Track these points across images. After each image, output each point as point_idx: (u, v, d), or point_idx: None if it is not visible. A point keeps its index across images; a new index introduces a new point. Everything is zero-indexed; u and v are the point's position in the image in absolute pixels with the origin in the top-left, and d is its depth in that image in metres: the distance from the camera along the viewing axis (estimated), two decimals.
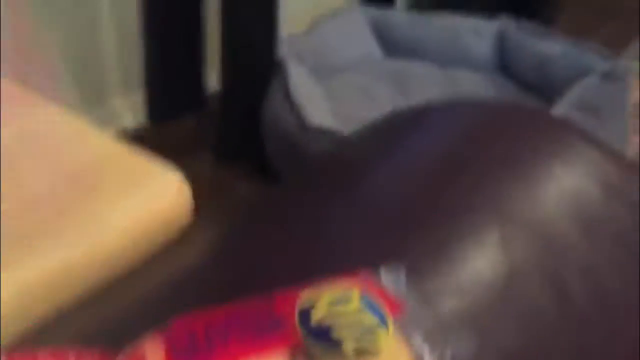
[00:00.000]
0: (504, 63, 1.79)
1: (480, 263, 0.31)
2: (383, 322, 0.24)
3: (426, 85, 1.76)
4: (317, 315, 0.24)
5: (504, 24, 1.79)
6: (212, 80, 1.88)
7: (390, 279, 0.26)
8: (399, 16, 1.89)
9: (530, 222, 0.36)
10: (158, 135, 1.82)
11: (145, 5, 1.70)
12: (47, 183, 0.36)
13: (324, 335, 0.23)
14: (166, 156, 1.74)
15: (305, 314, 0.24)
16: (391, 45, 1.87)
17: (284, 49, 1.70)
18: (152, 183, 0.36)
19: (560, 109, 1.48)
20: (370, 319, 0.24)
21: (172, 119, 1.87)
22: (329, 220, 0.35)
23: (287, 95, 1.54)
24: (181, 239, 0.38)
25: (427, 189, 0.35)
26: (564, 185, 0.39)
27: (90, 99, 1.74)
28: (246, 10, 1.62)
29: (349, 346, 0.23)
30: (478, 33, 1.79)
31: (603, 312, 0.35)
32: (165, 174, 0.36)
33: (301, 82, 1.59)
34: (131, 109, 1.83)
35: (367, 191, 0.37)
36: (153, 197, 0.35)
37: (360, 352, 0.23)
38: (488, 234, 0.34)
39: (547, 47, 1.69)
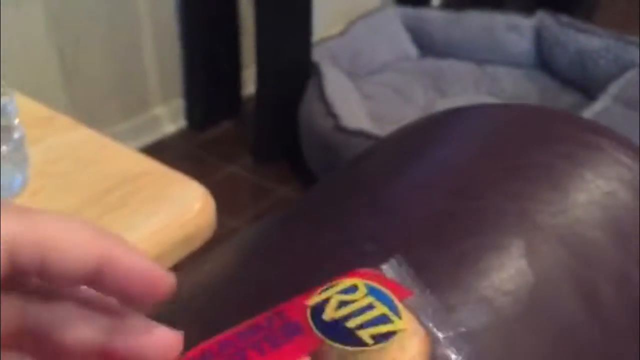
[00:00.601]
0: (543, 59, 1.76)
1: (504, 274, 0.31)
2: (392, 307, 0.24)
3: (463, 83, 1.74)
4: (329, 310, 0.24)
5: (542, 18, 1.76)
6: (248, 84, 1.90)
7: (392, 272, 0.27)
8: (434, 14, 1.87)
9: (559, 230, 0.35)
10: (198, 141, 1.85)
11: (183, 14, 1.73)
12: (72, 201, 0.38)
13: (339, 328, 0.23)
14: (205, 161, 1.76)
15: (317, 314, 0.24)
16: (426, 44, 1.86)
17: (319, 52, 1.70)
18: (176, 197, 0.37)
19: (602, 104, 1.45)
20: (378, 304, 0.24)
21: (211, 124, 1.89)
22: (351, 227, 0.35)
23: (322, 97, 1.54)
24: (206, 250, 0.39)
25: (450, 197, 0.35)
26: (595, 192, 0.38)
27: (131, 108, 1.77)
28: (280, 14, 1.63)
29: (365, 334, 0.23)
30: (515, 29, 1.76)
31: (636, 324, 0.34)
32: (189, 188, 0.37)
33: (336, 84, 1.59)
34: (171, 116, 1.86)
35: (391, 198, 0.37)
36: (177, 211, 0.36)
37: (376, 337, 0.23)
38: (514, 243, 0.33)
39: (587, 41, 1.65)
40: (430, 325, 0.26)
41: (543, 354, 0.29)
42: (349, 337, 0.23)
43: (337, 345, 0.23)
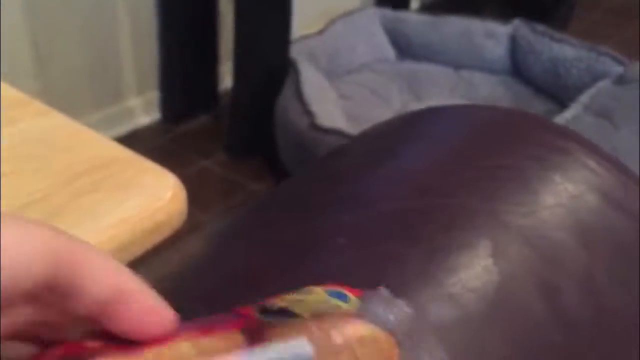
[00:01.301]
0: (517, 66, 1.78)
1: (472, 271, 0.31)
2: (346, 300, 0.23)
3: (439, 86, 1.75)
4: (277, 301, 0.23)
5: (518, 26, 1.78)
6: (225, 78, 1.89)
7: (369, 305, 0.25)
8: (413, 17, 1.89)
9: (526, 231, 0.35)
10: (171, 134, 1.84)
11: (161, 7, 1.72)
12: (43, 184, 0.37)
13: (282, 313, 0.22)
14: (178, 154, 1.75)
15: (264, 306, 0.23)
16: (404, 46, 1.87)
17: (297, 49, 1.70)
18: (147, 186, 0.37)
19: (573, 112, 1.47)
20: (332, 299, 0.23)
21: (186, 117, 1.88)
22: (323, 221, 0.35)
23: (299, 95, 1.55)
24: (174, 241, 0.39)
25: (422, 194, 0.35)
26: (563, 195, 0.39)
27: (106, 98, 1.76)
28: (259, 10, 1.63)
29: (306, 314, 0.22)
30: (492, 35, 1.78)
31: (600, 324, 0.35)
32: (161, 177, 0.37)
33: (313, 82, 1.60)
34: (145, 108, 1.85)
35: (363, 193, 0.37)
36: (148, 199, 0.36)
37: (317, 315, 0.22)
38: (482, 243, 0.33)
39: (561, 50, 1.68)
40: (392, 320, 0.25)
41: (505, 350, 0.29)
42: (288, 316, 0.22)
43: (268, 319, 0.22)
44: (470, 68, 1.80)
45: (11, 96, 0.46)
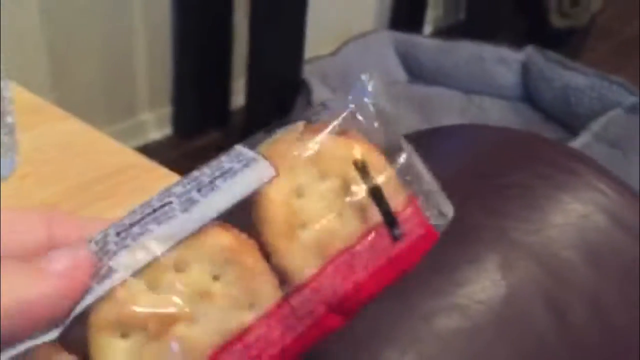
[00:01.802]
0: (529, 92, 1.79)
1: (479, 285, 0.32)
2: None
3: (449, 110, 1.76)
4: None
5: (530, 53, 1.79)
6: (237, 95, 1.90)
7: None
8: (426, 41, 1.90)
9: (534, 248, 0.36)
10: (183, 149, 1.85)
11: (177, 24, 1.74)
12: (59, 188, 0.38)
13: None
14: (190, 168, 1.75)
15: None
16: (416, 69, 1.89)
17: (310, 69, 1.72)
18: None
19: (584, 140, 1.48)
20: None
21: (198, 133, 1.89)
22: None
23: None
24: None
25: None
26: (571, 214, 0.39)
27: (119, 112, 1.77)
28: (273, 28, 1.65)
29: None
30: (504, 62, 1.79)
31: (607, 344, 0.35)
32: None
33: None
34: (158, 123, 1.86)
35: None
36: None
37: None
38: (490, 257, 0.34)
39: (573, 78, 1.69)
40: None
41: (510, 356, 0.30)
42: None
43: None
44: (481, 93, 1.81)
45: (29, 102, 0.46)
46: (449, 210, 0.27)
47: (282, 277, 0.22)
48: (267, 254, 0.22)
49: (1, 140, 0.37)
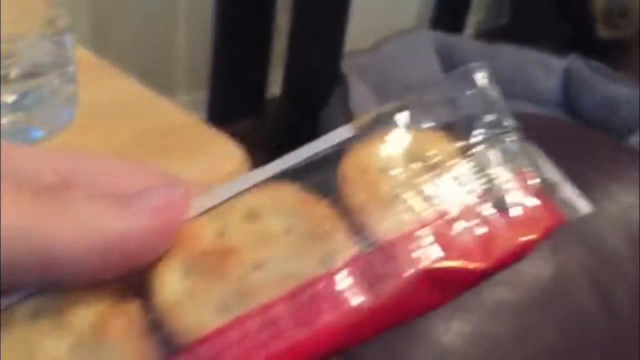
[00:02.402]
0: (570, 100, 1.77)
1: (528, 261, 0.32)
2: None
3: None
4: None
5: (573, 61, 1.77)
6: (274, 85, 1.91)
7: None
8: (467, 43, 1.89)
9: (582, 234, 0.36)
10: None
11: (219, 11, 1.75)
12: (114, 144, 0.38)
13: None
14: None
15: None
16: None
17: (348, 63, 1.71)
18: (213, 150, 0.38)
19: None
20: None
21: (231, 120, 1.90)
22: None
23: (345, 108, 1.56)
24: None
25: None
26: (618, 204, 0.39)
27: (156, 91, 1.79)
28: (316, 21, 1.65)
29: None
30: (546, 67, 1.77)
31: None
32: (226, 144, 0.38)
33: (361, 98, 1.61)
34: (193, 107, 1.87)
35: None
36: (214, 162, 0.37)
37: None
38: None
39: (615, 89, 1.66)
40: None
41: (555, 334, 0.29)
42: None
43: None
44: (521, 98, 1.79)
45: (86, 58, 0.47)
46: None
47: (360, 234, 0.22)
48: (344, 213, 0.22)
49: (61, 90, 0.38)
